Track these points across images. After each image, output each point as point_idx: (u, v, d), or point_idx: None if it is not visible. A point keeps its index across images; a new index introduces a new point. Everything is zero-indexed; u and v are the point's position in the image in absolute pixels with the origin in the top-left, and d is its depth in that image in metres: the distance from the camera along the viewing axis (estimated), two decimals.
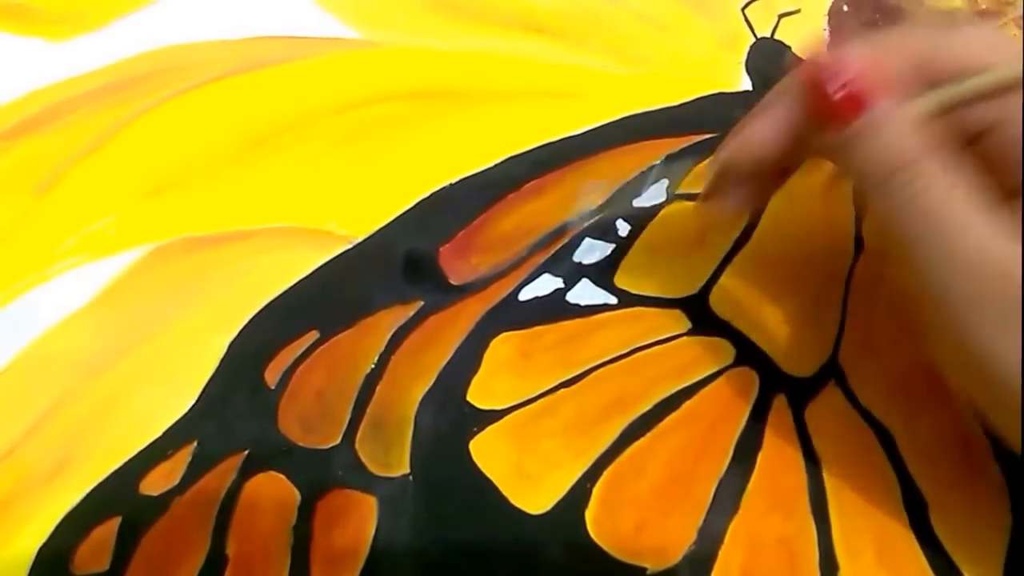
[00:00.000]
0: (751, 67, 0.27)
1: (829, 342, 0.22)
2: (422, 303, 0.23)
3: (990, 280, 0.16)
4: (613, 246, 0.24)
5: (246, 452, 0.22)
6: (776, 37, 0.27)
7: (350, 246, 0.25)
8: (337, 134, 0.27)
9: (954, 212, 0.17)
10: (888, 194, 0.17)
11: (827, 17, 0.28)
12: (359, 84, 0.28)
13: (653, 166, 0.25)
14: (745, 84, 0.27)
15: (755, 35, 0.27)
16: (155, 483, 0.21)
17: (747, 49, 0.27)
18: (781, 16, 0.27)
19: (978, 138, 0.18)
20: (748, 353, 0.22)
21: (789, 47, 0.27)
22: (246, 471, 0.21)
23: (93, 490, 0.21)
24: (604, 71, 0.28)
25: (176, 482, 0.21)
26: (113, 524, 0.21)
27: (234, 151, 0.27)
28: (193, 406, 0.22)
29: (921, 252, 0.17)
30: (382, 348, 0.23)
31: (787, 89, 0.19)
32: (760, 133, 0.19)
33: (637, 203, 0.25)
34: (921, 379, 0.21)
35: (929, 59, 0.18)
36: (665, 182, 0.25)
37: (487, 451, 0.21)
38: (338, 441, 0.22)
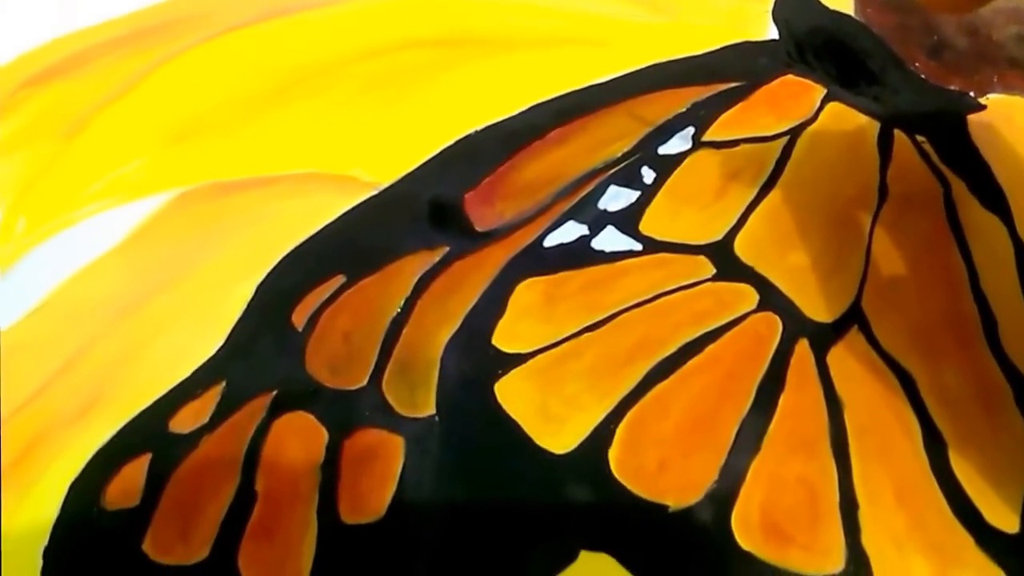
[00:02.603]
0: (778, 16, 0.27)
1: (852, 288, 0.22)
2: (447, 249, 0.24)
3: None
4: (638, 193, 0.24)
5: (274, 392, 0.22)
6: None
7: (375, 192, 0.25)
8: (362, 81, 0.27)
9: None
10: None
11: None
12: (384, 30, 0.28)
13: (679, 114, 0.25)
14: (772, 33, 0.27)
15: None
16: (185, 421, 0.22)
17: None
18: None
19: None
20: (771, 298, 0.22)
21: None
22: (274, 410, 0.22)
23: (123, 428, 0.22)
24: (630, 19, 0.28)
25: (205, 420, 0.22)
26: (143, 461, 0.21)
27: (259, 98, 0.27)
28: (221, 347, 0.23)
29: None
30: (408, 293, 0.23)
31: None
32: None
33: (663, 150, 0.25)
34: (944, 325, 0.21)
35: None
36: (691, 130, 0.25)
37: (512, 393, 0.21)
38: (365, 383, 0.22)
